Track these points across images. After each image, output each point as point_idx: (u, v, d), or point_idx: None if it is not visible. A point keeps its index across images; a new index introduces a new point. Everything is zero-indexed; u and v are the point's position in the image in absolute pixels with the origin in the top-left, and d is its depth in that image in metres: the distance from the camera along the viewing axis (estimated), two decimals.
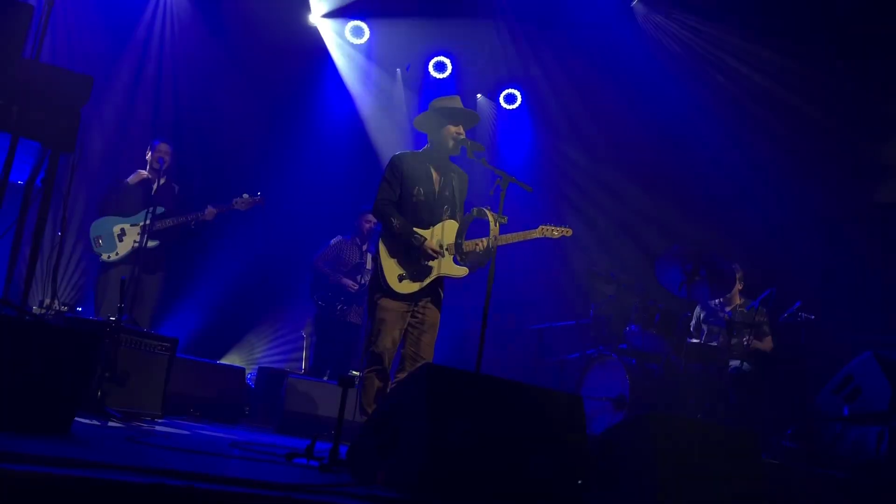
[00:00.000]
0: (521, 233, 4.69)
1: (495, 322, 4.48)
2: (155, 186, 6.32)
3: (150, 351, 5.06)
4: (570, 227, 4.84)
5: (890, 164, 7.33)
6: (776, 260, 7.36)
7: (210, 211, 6.55)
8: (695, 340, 6.58)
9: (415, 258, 4.56)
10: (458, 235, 4.57)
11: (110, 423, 4.17)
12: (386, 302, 4.53)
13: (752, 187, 7.95)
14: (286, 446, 4.33)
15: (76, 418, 3.12)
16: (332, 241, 7.58)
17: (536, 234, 4.74)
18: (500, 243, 4.53)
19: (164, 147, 6.59)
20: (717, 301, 6.75)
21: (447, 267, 4.59)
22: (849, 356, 5.71)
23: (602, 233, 8.76)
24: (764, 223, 7.73)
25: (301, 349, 7.98)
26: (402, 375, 4.53)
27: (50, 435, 2.81)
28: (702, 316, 6.88)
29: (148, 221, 6.06)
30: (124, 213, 6.39)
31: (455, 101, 4.78)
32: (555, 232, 4.79)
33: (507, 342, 7.97)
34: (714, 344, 6.49)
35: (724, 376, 6.21)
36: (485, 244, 4.49)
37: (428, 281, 4.56)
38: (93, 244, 6.34)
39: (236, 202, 6.73)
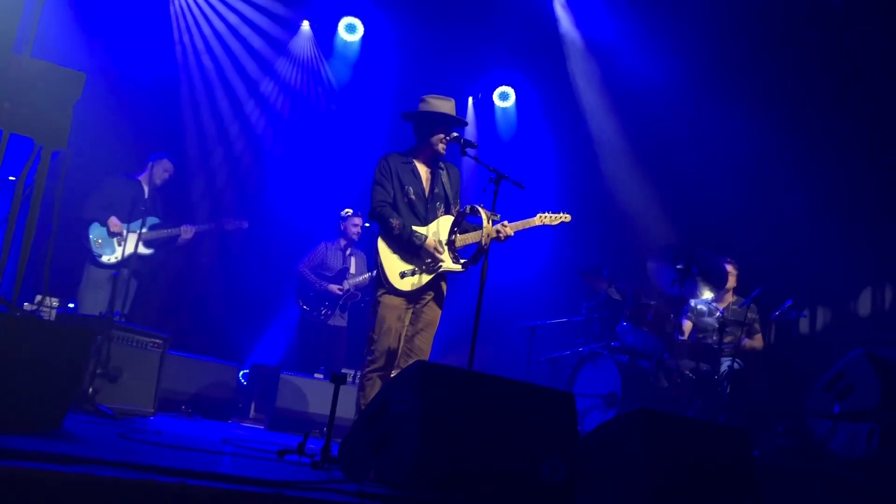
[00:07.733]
0: (519, 222, 4.66)
1: (487, 319, 4.47)
2: (147, 194, 6.52)
3: (143, 347, 5.06)
4: (568, 213, 4.77)
5: None
6: (768, 257, 7.37)
7: (187, 230, 6.68)
8: (687, 338, 6.59)
9: (415, 256, 4.57)
10: (451, 232, 4.57)
11: (102, 420, 4.17)
12: (388, 298, 4.55)
13: (746, 184, 7.95)
14: (278, 443, 4.34)
15: (68, 414, 3.12)
16: (317, 248, 7.62)
17: (535, 222, 4.70)
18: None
19: (169, 165, 6.82)
20: (709, 298, 6.76)
21: (447, 262, 4.59)
22: (840, 354, 5.72)
23: (594, 229, 8.75)
24: (756, 220, 7.74)
25: (295, 345, 7.99)
26: (395, 372, 4.53)
27: (41, 431, 2.80)
28: (694, 313, 6.89)
29: (144, 229, 6.22)
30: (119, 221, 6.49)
31: (448, 105, 4.71)
32: (553, 219, 4.73)
33: (499, 339, 7.97)
34: (706, 341, 6.50)
35: (716, 374, 6.23)
36: (478, 237, 4.48)
37: (429, 278, 4.57)
38: (92, 244, 6.43)
39: (224, 223, 7.03)
